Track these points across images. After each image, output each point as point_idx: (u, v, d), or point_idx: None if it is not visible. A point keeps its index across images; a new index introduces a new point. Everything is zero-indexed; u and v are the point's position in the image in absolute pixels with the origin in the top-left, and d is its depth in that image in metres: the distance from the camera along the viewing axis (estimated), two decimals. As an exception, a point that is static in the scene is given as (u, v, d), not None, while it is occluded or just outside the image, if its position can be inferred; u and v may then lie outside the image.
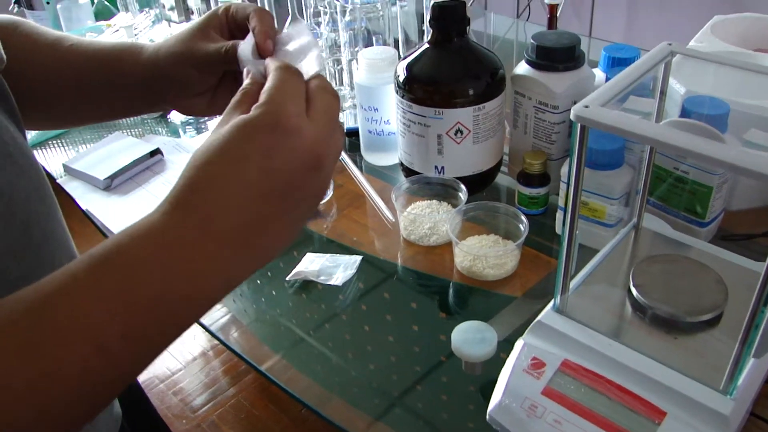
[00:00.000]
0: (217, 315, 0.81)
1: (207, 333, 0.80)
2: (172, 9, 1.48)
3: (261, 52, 0.48)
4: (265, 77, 0.43)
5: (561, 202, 0.85)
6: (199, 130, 1.20)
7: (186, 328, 0.38)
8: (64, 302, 0.34)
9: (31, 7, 1.47)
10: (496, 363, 0.63)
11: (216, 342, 1.57)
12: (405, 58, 0.89)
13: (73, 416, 0.35)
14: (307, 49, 0.48)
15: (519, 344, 0.61)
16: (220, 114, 0.49)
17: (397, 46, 1.17)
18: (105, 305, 0.34)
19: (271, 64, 0.43)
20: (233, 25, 0.55)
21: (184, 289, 0.36)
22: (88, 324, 0.33)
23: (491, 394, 0.60)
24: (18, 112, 0.50)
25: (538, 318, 0.62)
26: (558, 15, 1.38)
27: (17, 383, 0.32)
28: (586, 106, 0.49)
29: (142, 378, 1.80)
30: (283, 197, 0.39)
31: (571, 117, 0.50)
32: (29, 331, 0.33)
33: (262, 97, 0.40)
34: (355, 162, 1.01)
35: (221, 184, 0.37)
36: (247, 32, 0.50)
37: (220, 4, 0.59)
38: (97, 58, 0.57)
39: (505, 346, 0.65)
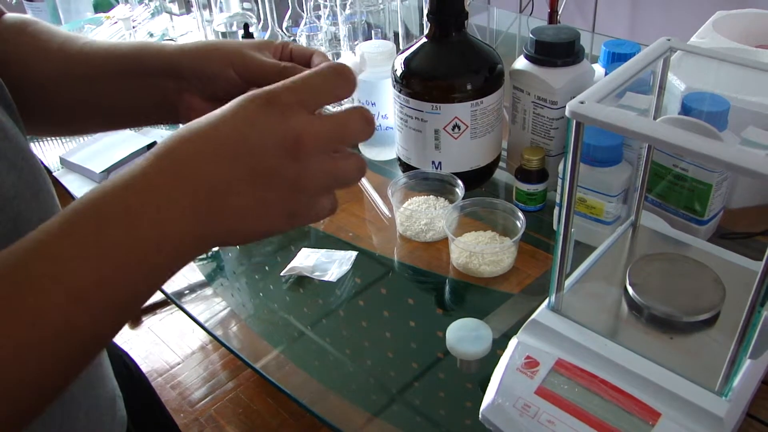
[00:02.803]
0: (216, 309, 0.81)
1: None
2: (172, 1, 1.47)
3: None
4: None
5: (559, 199, 0.84)
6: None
7: (159, 283, 0.38)
8: (39, 251, 0.34)
9: (29, -2, 1.46)
10: (493, 360, 0.62)
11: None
12: (403, 52, 0.88)
13: (53, 376, 0.35)
14: None
15: (513, 343, 0.61)
16: None
17: (397, 40, 1.16)
18: (77, 250, 0.34)
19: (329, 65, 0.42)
20: (287, 60, 0.54)
21: (152, 236, 0.36)
22: (62, 270, 0.34)
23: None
24: (14, 105, 0.49)
25: (533, 316, 0.61)
26: (560, 10, 1.37)
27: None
28: (582, 102, 0.49)
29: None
30: (252, 168, 0.38)
31: (566, 113, 0.49)
32: (7, 286, 0.33)
33: (293, 78, 0.40)
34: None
35: (196, 136, 0.38)
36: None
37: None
38: (115, 50, 0.55)
39: (502, 343, 0.64)
